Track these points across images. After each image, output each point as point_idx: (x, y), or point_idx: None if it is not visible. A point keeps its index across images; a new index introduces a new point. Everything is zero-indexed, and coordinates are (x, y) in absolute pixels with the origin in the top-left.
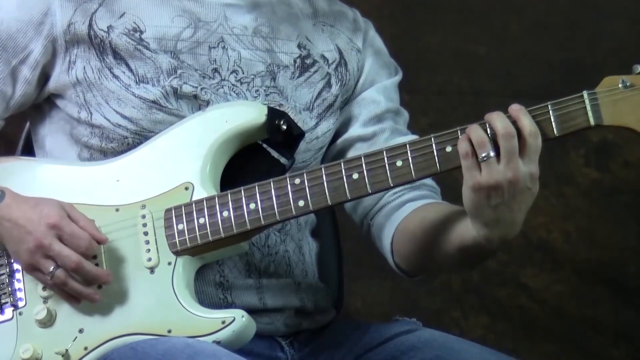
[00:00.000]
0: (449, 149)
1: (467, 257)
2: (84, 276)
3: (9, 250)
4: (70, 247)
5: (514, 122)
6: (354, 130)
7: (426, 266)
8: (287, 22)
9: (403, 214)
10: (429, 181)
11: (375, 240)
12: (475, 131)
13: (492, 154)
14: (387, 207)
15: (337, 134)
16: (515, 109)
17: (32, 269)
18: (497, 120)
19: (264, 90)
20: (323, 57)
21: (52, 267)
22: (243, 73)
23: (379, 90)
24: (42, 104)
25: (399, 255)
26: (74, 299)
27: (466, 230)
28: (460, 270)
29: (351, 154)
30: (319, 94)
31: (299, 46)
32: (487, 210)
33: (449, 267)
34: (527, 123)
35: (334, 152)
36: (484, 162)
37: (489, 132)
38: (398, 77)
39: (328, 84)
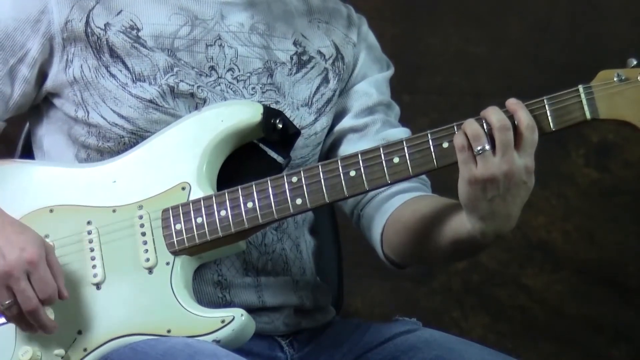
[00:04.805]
0: (445, 144)
1: (459, 251)
2: (34, 321)
3: None
4: (35, 289)
5: (511, 116)
6: (346, 122)
7: (416, 258)
8: (282, 20)
9: (393, 205)
10: None
11: (364, 231)
12: (470, 125)
13: (487, 147)
14: (378, 198)
15: (330, 126)
16: (513, 102)
17: None
18: (492, 114)
19: (261, 87)
20: (320, 52)
21: (9, 302)
22: (239, 71)
23: (370, 83)
24: (39, 104)
25: (389, 246)
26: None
27: (461, 224)
28: (451, 262)
29: (343, 145)
30: (317, 89)
31: (295, 43)
32: (482, 204)
33: (440, 259)
34: (524, 116)
35: (327, 144)
36: (479, 155)
37: (485, 126)
38: (390, 72)
39: (326, 79)
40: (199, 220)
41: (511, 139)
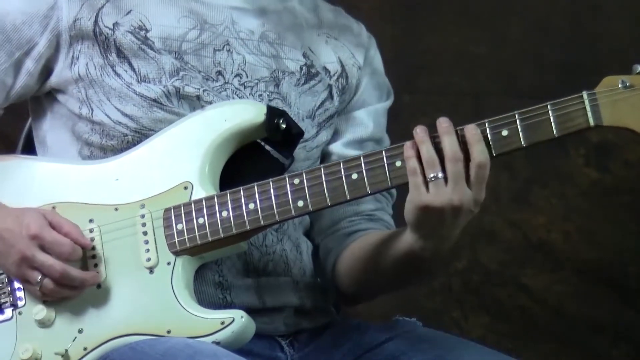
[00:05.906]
0: None
1: (400, 267)
2: (71, 283)
3: None
4: (53, 255)
5: (468, 146)
6: (335, 147)
7: (362, 286)
8: (292, 31)
9: (350, 240)
10: (387, 217)
11: (317, 260)
12: (425, 148)
13: (440, 175)
14: (339, 233)
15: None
16: (472, 133)
17: (22, 281)
18: (447, 139)
19: (268, 95)
20: (325, 69)
21: (39, 278)
22: (247, 77)
23: (369, 113)
24: (43, 99)
25: (338, 277)
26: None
27: (403, 240)
28: (395, 288)
29: None
30: (322, 103)
31: (304, 55)
32: (427, 227)
33: (383, 282)
34: (478, 152)
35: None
36: (432, 182)
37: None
38: (389, 102)
39: (330, 95)
40: (201, 220)
41: (462, 170)
